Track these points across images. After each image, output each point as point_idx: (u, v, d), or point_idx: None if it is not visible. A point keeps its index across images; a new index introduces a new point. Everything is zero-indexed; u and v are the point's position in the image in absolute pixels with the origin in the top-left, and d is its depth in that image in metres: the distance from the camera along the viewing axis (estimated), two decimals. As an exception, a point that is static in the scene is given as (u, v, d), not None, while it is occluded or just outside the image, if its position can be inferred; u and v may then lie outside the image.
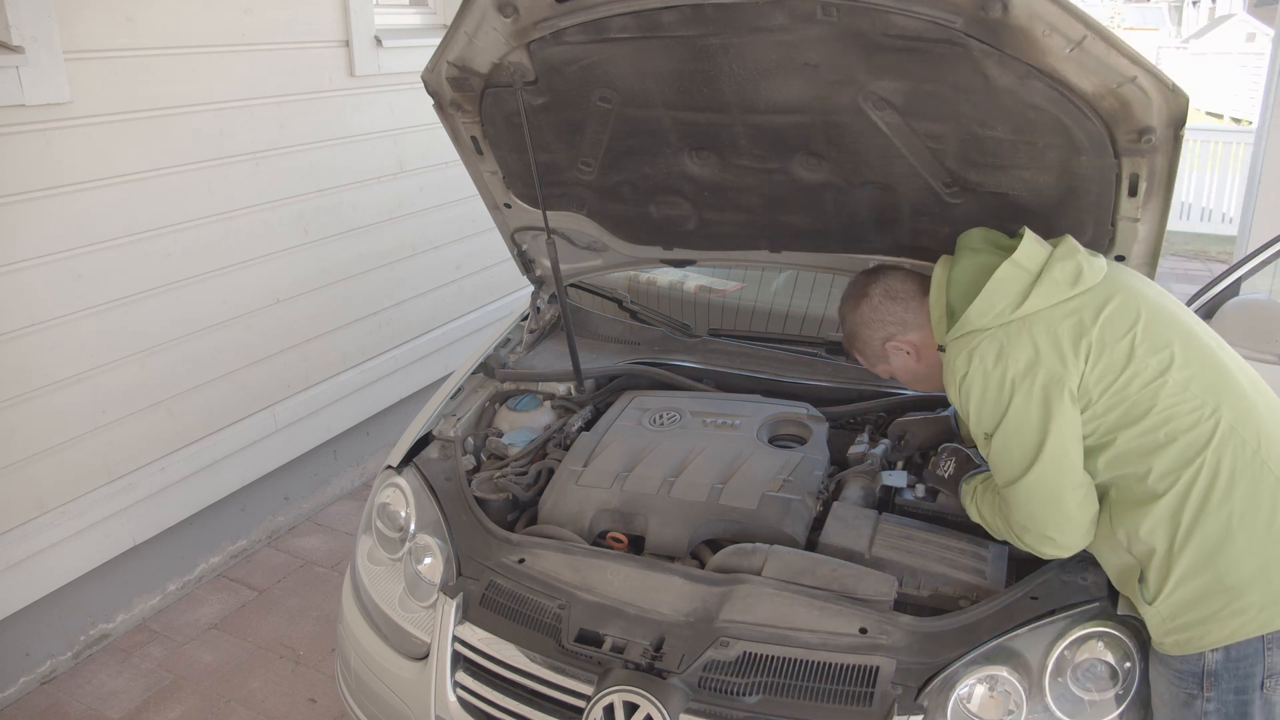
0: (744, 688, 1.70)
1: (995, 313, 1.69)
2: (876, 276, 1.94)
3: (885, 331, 1.90)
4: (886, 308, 1.90)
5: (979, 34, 1.64)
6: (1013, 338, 1.67)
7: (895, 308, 1.89)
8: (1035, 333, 1.66)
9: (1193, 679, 1.58)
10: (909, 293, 1.89)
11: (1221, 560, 1.55)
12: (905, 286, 1.90)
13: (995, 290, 1.69)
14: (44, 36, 2.64)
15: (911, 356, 1.91)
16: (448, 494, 2.21)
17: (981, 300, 1.69)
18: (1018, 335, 1.67)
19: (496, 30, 2.00)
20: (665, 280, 3.19)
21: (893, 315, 1.89)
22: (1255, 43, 18.11)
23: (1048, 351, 1.64)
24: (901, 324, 1.89)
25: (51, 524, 2.90)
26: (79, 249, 2.87)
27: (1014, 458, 1.69)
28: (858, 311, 1.93)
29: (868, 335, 1.93)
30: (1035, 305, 1.67)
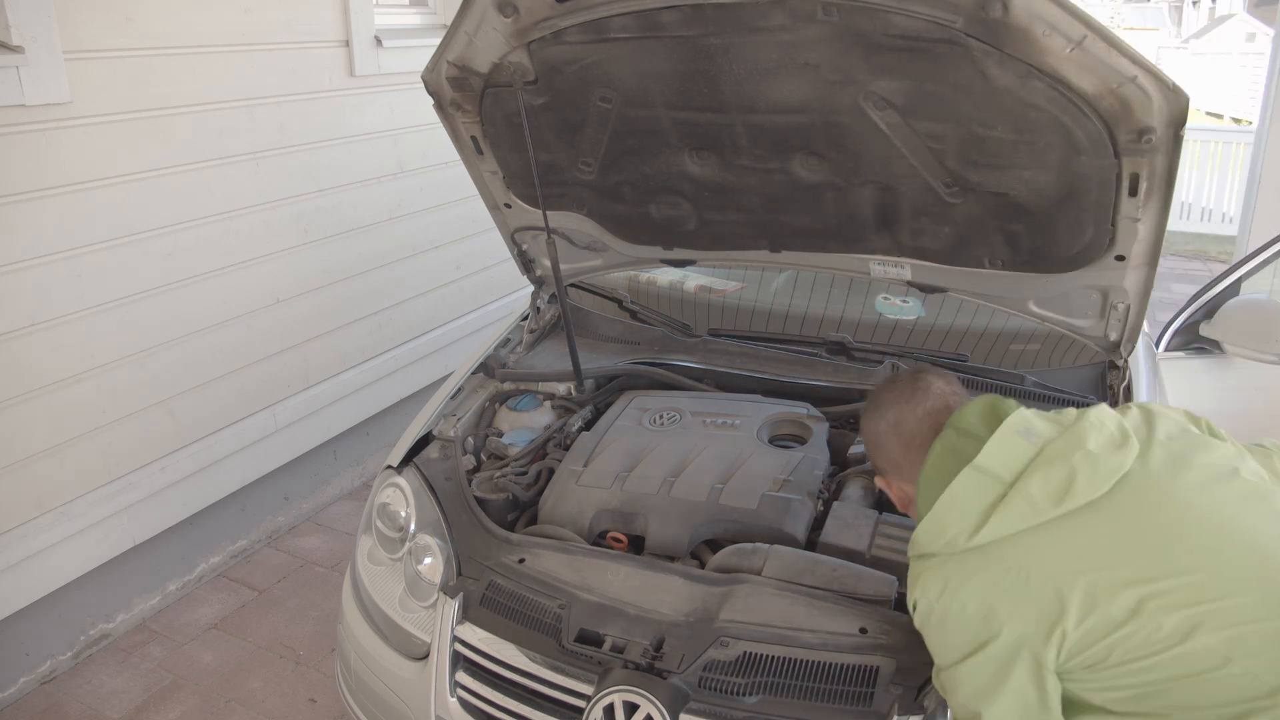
0: (744, 688, 1.70)
1: (946, 538, 1.36)
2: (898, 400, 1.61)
3: (882, 464, 1.67)
4: (888, 441, 1.62)
5: (979, 34, 1.64)
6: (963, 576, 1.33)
7: (894, 447, 1.59)
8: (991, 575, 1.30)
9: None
10: (916, 439, 1.55)
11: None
12: (919, 427, 1.55)
13: (949, 508, 1.36)
14: (44, 36, 2.64)
15: (901, 502, 1.66)
16: (448, 494, 2.21)
17: (931, 519, 1.37)
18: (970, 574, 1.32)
19: (496, 30, 2.00)
20: (665, 280, 3.18)
21: (888, 454, 1.61)
22: (1255, 43, 18.12)
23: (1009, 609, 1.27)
24: (895, 468, 1.61)
25: (51, 524, 2.90)
26: (79, 249, 2.87)
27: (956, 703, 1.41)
28: (870, 424, 1.66)
29: (874, 455, 1.68)
30: (997, 531, 1.31)
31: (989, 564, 1.32)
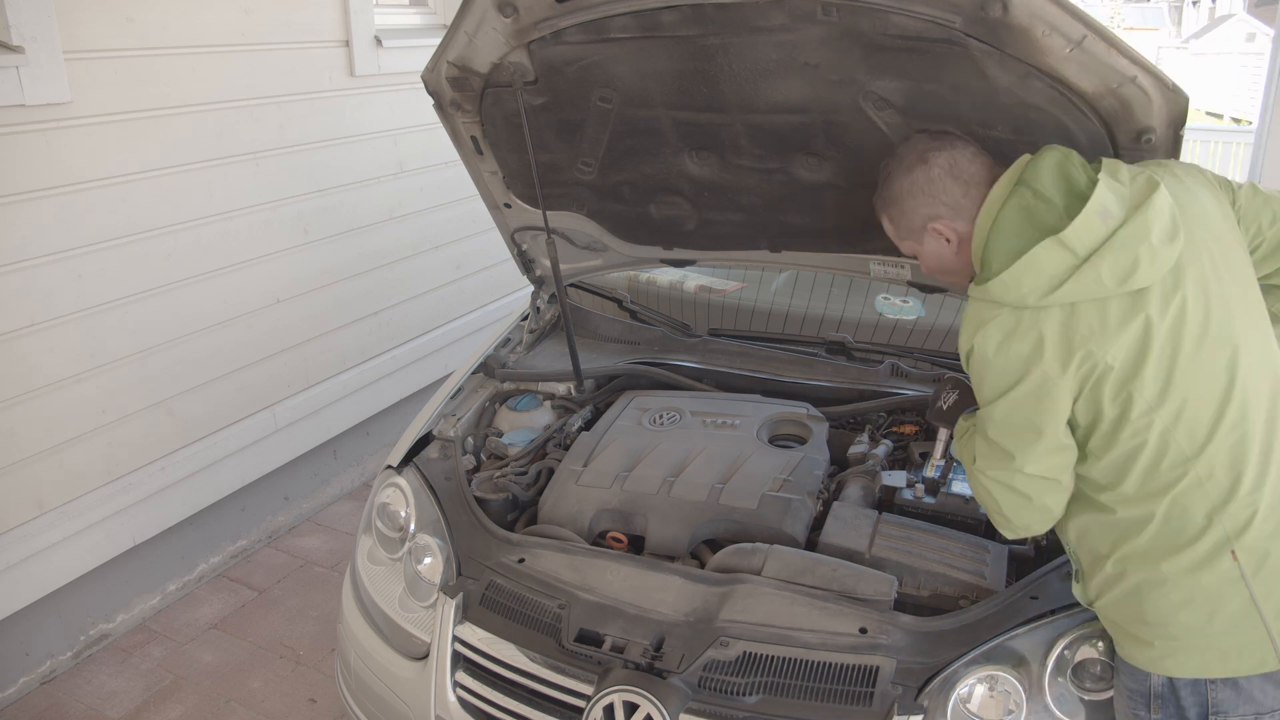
0: (744, 688, 1.70)
1: (1019, 294, 1.50)
2: (942, 145, 1.68)
3: (933, 210, 1.66)
4: (944, 184, 1.65)
5: (979, 34, 1.64)
6: (1023, 325, 1.51)
7: (954, 188, 1.64)
8: (1048, 326, 1.49)
9: (1140, 698, 1.54)
10: (974, 178, 1.64)
11: (1147, 599, 1.49)
12: (973, 169, 1.65)
13: (1028, 269, 1.48)
14: (44, 36, 2.64)
15: (950, 246, 1.68)
16: (448, 494, 2.21)
17: (1010, 275, 1.49)
18: (1030, 323, 1.50)
19: (496, 30, 2.00)
20: (665, 280, 3.18)
21: (948, 195, 1.65)
22: (1255, 43, 18.11)
23: (1050, 353, 1.49)
24: (954, 208, 1.65)
25: (51, 524, 2.90)
26: (79, 249, 2.87)
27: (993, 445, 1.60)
28: (910, 176, 1.68)
29: (912, 206, 1.68)
30: (1064, 297, 1.48)
31: (1047, 321, 1.50)
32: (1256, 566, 1.44)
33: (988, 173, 1.65)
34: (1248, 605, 1.44)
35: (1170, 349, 1.48)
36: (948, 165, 1.65)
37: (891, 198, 1.72)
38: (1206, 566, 1.45)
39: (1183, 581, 1.46)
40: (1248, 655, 1.46)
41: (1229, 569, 1.44)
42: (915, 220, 1.70)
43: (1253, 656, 1.46)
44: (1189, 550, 1.46)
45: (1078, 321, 1.49)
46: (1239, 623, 1.45)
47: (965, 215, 1.64)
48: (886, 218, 1.77)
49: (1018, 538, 1.71)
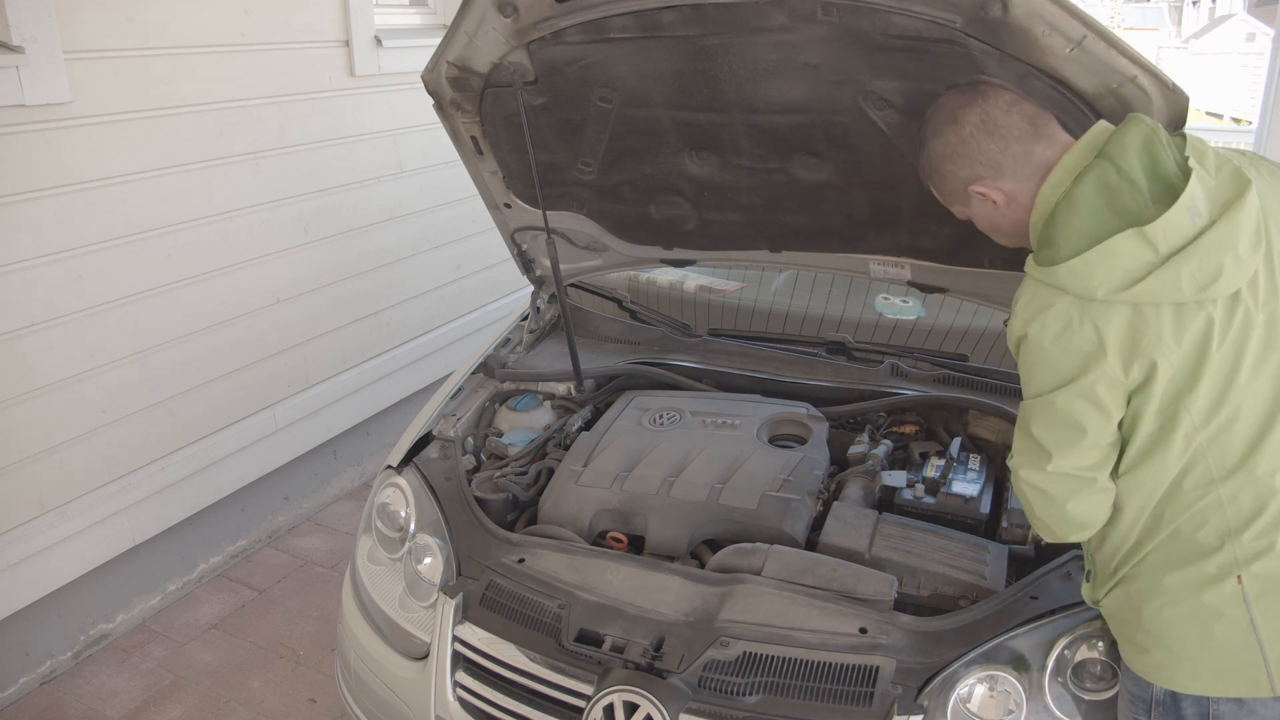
0: (744, 688, 1.70)
1: (1089, 285, 1.37)
2: (974, 99, 1.55)
3: (972, 171, 1.55)
4: (978, 142, 1.53)
5: (979, 34, 1.64)
6: (1085, 321, 1.39)
7: (991, 146, 1.53)
8: (1112, 324, 1.37)
9: (1142, 704, 1.53)
10: (1014, 130, 1.52)
11: (1147, 607, 1.47)
12: (1009, 120, 1.52)
13: (1103, 260, 1.36)
14: (44, 36, 2.64)
15: (997, 206, 1.56)
16: (448, 494, 2.21)
17: (1082, 263, 1.37)
18: (1093, 321, 1.38)
19: (496, 30, 2.00)
20: (665, 280, 3.19)
21: (985, 154, 1.53)
22: (1255, 43, 18.11)
23: (1113, 357, 1.38)
24: (994, 167, 1.53)
25: (51, 524, 2.90)
26: (79, 249, 2.87)
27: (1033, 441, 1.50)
28: (942, 139, 1.57)
29: (949, 170, 1.58)
30: (1137, 296, 1.36)
31: (1113, 317, 1.38)
32: (1259, 593, 1.40)
33: (1028, 124, 1.53)
34: (1246, 629, 1.41)
35: (1228, 367, 1.39)
36: (980, 121, 1.53)
37: (929, 165, 1.63)
38: (1211, 586, 1.42)
39: (1184, 596, 1.44)
40: (1241, 678, 1.43)
41: (1233, 592, 1.40)
42: (956, 184, 1.59)
43: (1246, 679, 1.43)
44: (1196, 567, 1.43)
45: (1145, 324, 1.37)
46: (1236, 646, 1.42)
47: (1009, 173, 1.53)
48: (930, 185, 1.67)
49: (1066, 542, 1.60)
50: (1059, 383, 1.42)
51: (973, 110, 1.54)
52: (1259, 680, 1.42)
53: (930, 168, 1.63)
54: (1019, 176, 1.52)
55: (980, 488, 2.11)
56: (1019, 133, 1.52)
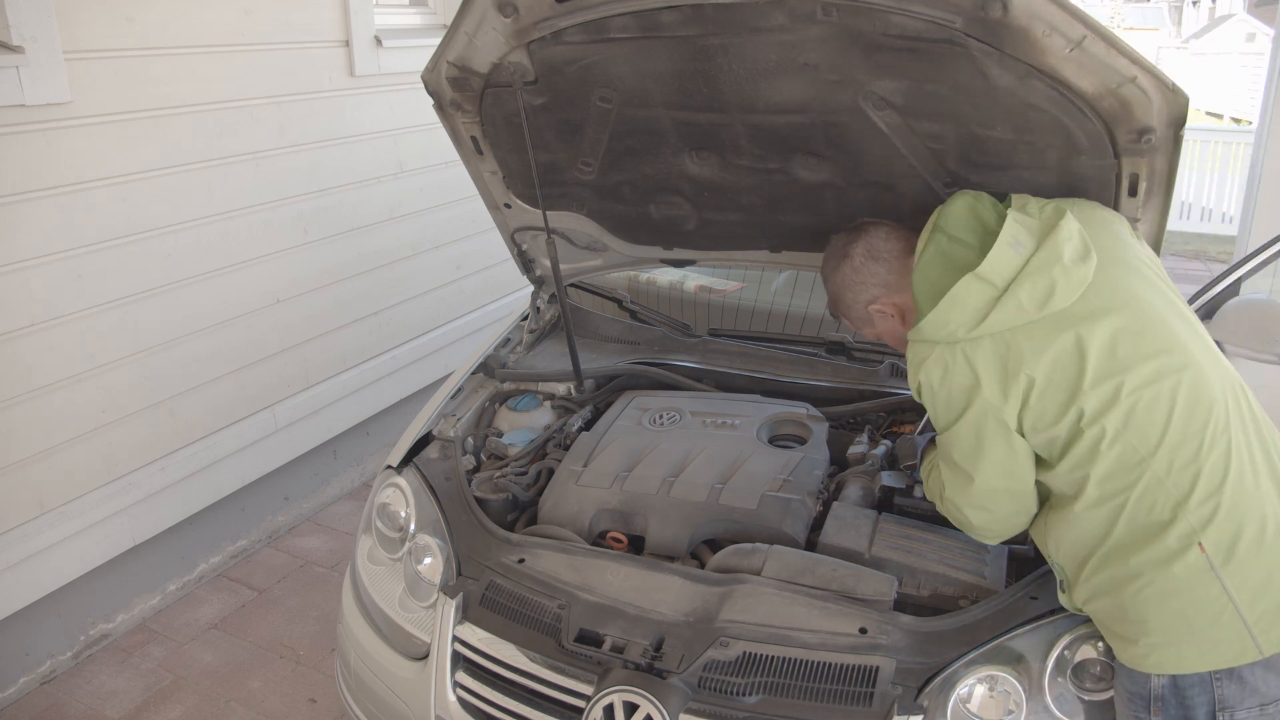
0: (744, 688, 1.70)
1: (948, 330, 1.60)
2: (858, 235, 1.84)
3: (868, 294, 1.82)
4: (869, 269, 1.81)
5: (979, 34, 1.64)
6: (958, 359, 1.61)
7: (878, 269, 1.80)
8: (981, 357, 1.59)
9: (1140, 701, 1.55)
10: (892, 252, 1.80)
11: (1125, 595, 1.52)
12: (888, 245, 1.81)
13: (952, 306, 1.59)
14: (44, 36, 2.64)
15: (896, 319, 1.82)
16: (448, 494, 2.21)
17: (936, 314, 1.61)
18: (964, 357, 1.60)
19: (496, 30, 2.00)
20: (665, 280, 3.19)
21: (875, 277, 1.81)
22: (1255, 43, 18.11)
23: (988, 382, 1.58)
24: (885, 286, 1.80)
25: (51, 524, 2.90)
26: (79, 249, 2.87)
27: (955, 468, 1.72)
28: (839, 273, 1.85)
29: (850, 299, 1.85)
30: (991, 327, 1.58)
31: (979, 351, 1.60)
32: (1225, 558, 1.46)
33: (905, 244, 1.80)
34: (1221, 597, 1.46)
35: (1109, 358, 1.54)
36: (865, 251, 1.81)
37: (834, 299, 1.89)
38: (1177, 559, 1.48)
39: (1155, 575, 1.49)
40: (1226, 647, 1.47)
41: (1198, 560, 1.47)
42: (859, 309, 1.85)
43: (1231, 648, 1.47)
44: (1158, 543, 1.50)
45: (1008, 349, 1.58)
46: (1215, 615, 1.47)
47: (896, 287, 1.78)
48: (839, 314, 1.92)
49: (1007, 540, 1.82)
50: (955, 416, 1.65)
51: (857, 244, 1.83)
52: (1245, 646, 1.47)
53: (835, 299, 1.89)
54: (906, 289, 1.76)
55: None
56: (898, 252, 1.80)
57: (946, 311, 1.59)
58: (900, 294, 1.78)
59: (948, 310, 1.59)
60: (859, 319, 1.88)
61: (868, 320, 1.86)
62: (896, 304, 1.80)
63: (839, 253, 1.85)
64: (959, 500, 1.74)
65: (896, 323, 1.83)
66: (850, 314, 1.88)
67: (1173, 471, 1.50)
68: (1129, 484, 1.52)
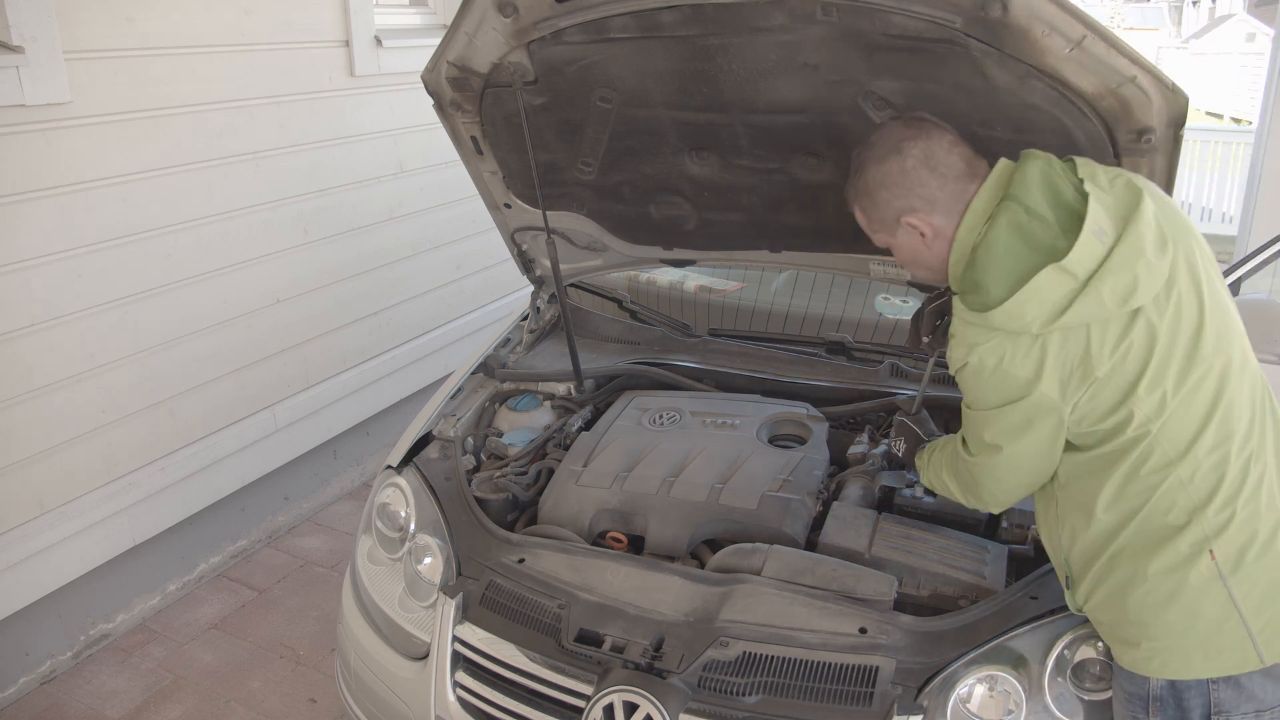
0: (744, 688, 1.70)
1: (1023, 323, 1.47)
2: (919, 134, 1.62)
3: (908, 202, 1.61)
4: (919, 175, 1.60)
5: (979, 34, 1.64)
6: (1021, 350, 1.50)
7: (930, 180, 1.59)
8: (1050, 352, 1.48)
9: (1139, 702, 1.54)
10: (953, 169, 1.59)
11: (1131, 597, 1.50)
12: (950, 160, 1.60)
13: (1031, 298, 1.45)
14: (44, 36, 2.64)
15: (924, 240, 1.63)
16: (448, 494, 2.21)
17: (1014, 304, 1.46)
18: (1028, 349, 1.49)
19: (496, 30, 2.00)
20: (665, 280, 3.18)
21: (924, 188, 1.59)
22: (1255, 43, 18.10)
23: (1049, 377, 1.49)
24: (929, 202, 1.60)
25: (51, 524, 2.90)
26: (79, 249, 2.87)
27: (981, 441, 1.63)
28: (884, 166, 1.62)
29: (885, 198, 1.63)
30: (1069, 322, 1.46)
31: (1048, 346, 1.48)
32: (1234, 566, 1.45)
33: (966, 165, 1.61)
34: (1227, 605, 1.45)
35: (1166, 360, 1.47)
36: (923, 156, 1.60)
37: (864, 188, 1.67)
38: (1187, 565, 1.46)
39: (1164, 580, 1.48)
40: (1229, 655, 1.47)
41: (1208, 568, 1.45)
42: (889, 212, 1.65)
43: (1234, 656, 1.47)
44: (1170, 547, 1.47)
45: (1078, 344, 1.48)
46: (1219, 622, 1.46)
47: (941, 209, 1.60)
48: (859, 208, 1.71)
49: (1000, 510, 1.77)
50: (1002, 401, 1.56)
51: (917, 144, 1.61)
52: (1246, 655, 1.46)
53: (864, 191, 1.67)
54: (950, 214, 1.60)
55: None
56: (957, 172, 1.60)
57: (1026, 304, 1.45)
58: (943, 217, 1.60)
59: (1027, 302, 1.45)
60: (879, 221, 1.68)
61: (890, 227, 1.66)
62: (934, 225, 1.61)
63: (891, 144, 1.63)
64: (977, 474, 1.67)
65: (922, 244, 1.64)
66: (873, 212, 1.68)
67: (1196, 477, 1.47)
68: (1153, 485, 1.49)
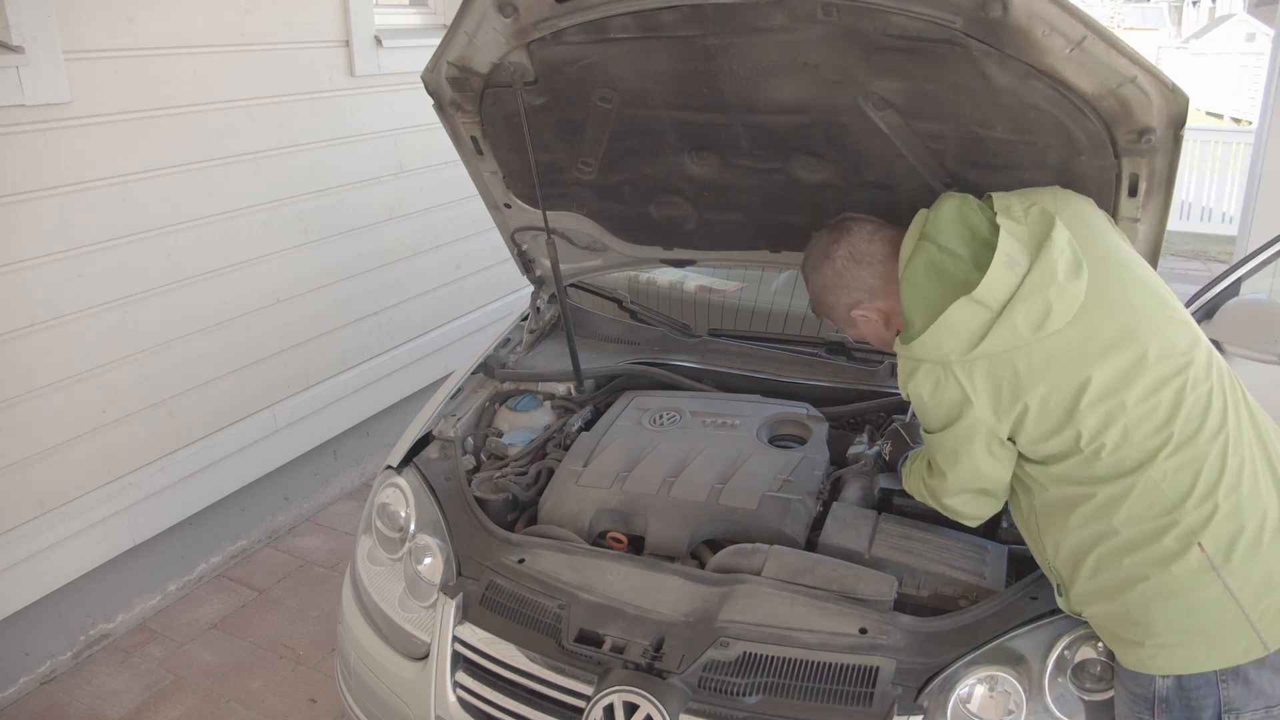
0: (744, 688, 1.70)
1: (941, 353, 1.58)
2: (840, 235, 1.77)
3: (850, 298, 1.76)
4: (851, 272, 1.74)
5: (979, 34, 1.64)
6: (950, 378, 1.59)
7: (861, 273, 1.74)
8: (975, 378, 1.57)
9: (1144, 703, 1.54)
10: (876, 255, 1.73)
11: (1129, 597, 1.51)
12: (871, 248, 1.74)
13: (945, 329, 1.56)
14: (44, 36, 2.64)
15: (879, 323, 1.78)
16: (448, 494, 2.21)
17: (929, 336, 1.57)
18: (956, 377, 1.58)
19: (496, 30, 2.00)
20: (665, 280, 3.19)
21: (858, 281, 1.74)
22: (1255, 43, 18.11)
23: (981, 401, 1.57)
24: (868, 291, 1.74)
25: (51, 524, 2.90)
26: (79, 249, 2.87)
27: (935, 462, 1.75)
28: (820, 274, 1.79)
29: (832, 301, 1.79)
30: (985, 351, 1.54)
31: (973, 373, 1.57)
32: (1225, 557, 1.46)
33: (890, 246, 1.73)
34: (1224, 596, 1.46)
35: (1108, 384, 1.52)
36: (848, 254, 1.74)
37: (815, 298, 1.84)
38: (1176, 559, 1.48)
39: (1156, 577, 1.49)
40: (1232, 645, 1.47)
41: (1199, 561, 1.47)
42: (840, 312, 1.80)
43: (1237, 645, 1.47)
44: (1156, 545, 1.49)
45: (1004, 370, 1.55)
46: (1219, 613, 1.47)
47: (880, 293, 1.73)
48: (820, 314, 1.87)
49: None
50: (943, 424, 1.65)
51: (840, 245, 1.76)
52: (1250, 643, 1.46)
53: (816, 300, 1.84)
54: (889, 294, 1.72)
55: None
56: (882, 256, 1.73)
57: (939, 334, 1.56)
58: (884, 299, 1.74)
59: (940, 333, 1.56)
60: (841, 320, 1.83)
61: (850, 323, 1.82)
62: (880, 309, 1.75)
63: (820, 253, 1.79)
64: (938, 491, 1.78)
65: (880, 327, 1.79)
66: (832, 315, 1.84)
67: (1168, 475, 1.50)
68: (1125, 490, 1.52)
